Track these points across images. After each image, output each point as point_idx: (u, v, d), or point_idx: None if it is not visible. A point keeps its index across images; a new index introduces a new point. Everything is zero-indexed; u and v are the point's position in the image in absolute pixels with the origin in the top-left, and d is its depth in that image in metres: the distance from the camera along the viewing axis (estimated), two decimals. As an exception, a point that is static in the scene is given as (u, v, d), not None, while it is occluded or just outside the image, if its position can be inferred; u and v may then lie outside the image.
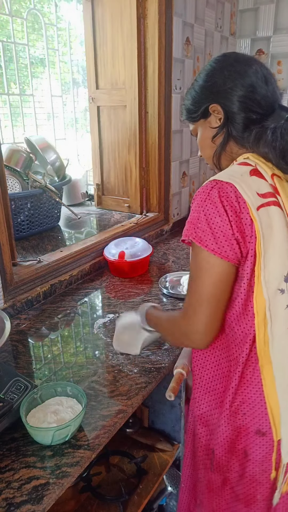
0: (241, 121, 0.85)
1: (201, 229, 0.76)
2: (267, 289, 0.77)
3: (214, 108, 0.87)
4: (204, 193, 0.77)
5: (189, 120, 0.96)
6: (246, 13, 2.60)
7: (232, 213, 0.75)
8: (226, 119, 0.87)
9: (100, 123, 2.19)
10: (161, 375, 1.07)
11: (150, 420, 1.43)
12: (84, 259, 1.69)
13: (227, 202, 0.75)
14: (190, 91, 0.94)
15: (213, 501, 0.94)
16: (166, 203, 2.20)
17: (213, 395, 0.91)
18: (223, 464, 0.89)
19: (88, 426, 0.90)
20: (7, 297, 1.35)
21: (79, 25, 2.59)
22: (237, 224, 0.75)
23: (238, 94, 0.84)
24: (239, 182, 0.76)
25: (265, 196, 0.78)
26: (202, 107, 0.90)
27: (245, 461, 0.86)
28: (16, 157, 1.95)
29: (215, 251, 0.75)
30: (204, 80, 0.90)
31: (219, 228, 0.75)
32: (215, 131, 0.89)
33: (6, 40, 2.23)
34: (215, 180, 0.78)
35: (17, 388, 0.94)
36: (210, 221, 0.75)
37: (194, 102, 0.92)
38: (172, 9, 1.88)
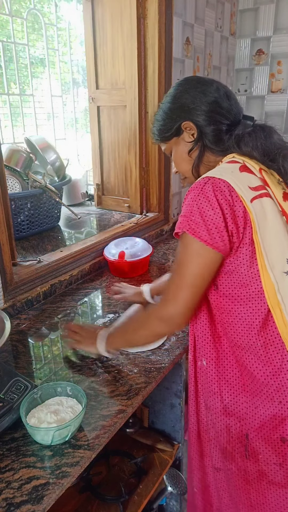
0: (212, 133, 0.94)
1: (194, 222, 0.81)
2: (273, 273, 0.82)
3: (187, 125, 0.96)
4: (197, 189, 0.82)
5: (163, 140, 1.03)
6: (246, 13, 2.60)
7: (227, 206, 0.80)
8: (200, 133, 0.95)
9: (100, 123, 2.19)
10: (161, 375, 1.07)
11: (150, 420, 1.43)
12: (84, 259, 1.69)
13: (221, 196, 0.80)
14: (159, 113, 1.01)
15: (251, 494, 0.94)
16: (166, 203, 2.20)
17: (232, 385, 0.93)
18: (259, 451, 0.90)
19: (88, 426, 0.90)
20: (7, 297, 1.35)
21: (79, 25, 2.59)
22: (231, 216, 0.80)
23: (206, 109, 0.93)
24: (231, 177, 0.82)
25: (256, 189, 0.84)
26: (174, 126, 0.97)
27: (284, 447, 0.86)
28: (16, 157, 1.95)
29: (207, 242, 0.81)
30: (172, 102, 0.98)
31: (212, 220, 0.80)
32: (190, 145, 0.97)
33: (6, 40, 2.22)
34: (207, 177, 0.83)
35: (17, 388, 0.94)
36: (203, 214, 0.81)
37: (165, 123, 0.99)
38: (172, 9, 1.88)
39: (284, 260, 0.83)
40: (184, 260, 0.85)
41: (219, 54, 2.50)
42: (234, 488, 0.98)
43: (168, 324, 0.89)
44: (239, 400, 0.93)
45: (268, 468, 0.90)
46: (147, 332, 0.96)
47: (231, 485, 0.99)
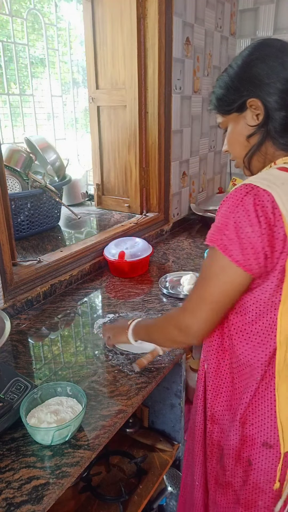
0: (281, 120, 0.77)
1: (228, 237, 0.71)
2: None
3: (253, 103, 0.78)
4: (237, 199, 0.71)
5: (220, 112, 0.86)
6: (246, 13, 2.60)
7: (266, 225, 0.69)
8: (267, 116, 0.78)
9: (100, 123, 2.19)
10: (161, 375, 1.07)
11: (150, 420, 1.43)
12: (84, 259, 1.69)
13: (262, 212, 0.69)
14: (223, 78, 0.83)
15: (217, 495, 0.96)
16: (166, 203, 2.20)
17: (224, 396, 0.91)
18: (227, 468, 0.90)
19: (88, 426, 0.90)
20: (7, 297, 1.35)
21: (79, 25, 2.59)
22: (269, 237, 0.70)
23: (281, 88, 0.76)
24: (278, 191, 0.69)
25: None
26: (238, 100, 0.80)
27: (249, 469, 0.86)
28: (16, 157, 1.95)
29: (239, 263, 0.71)
30: (243, 68, 0.79)
31: (248, 239, 0.70)
32: (252, 129, 0.80)
33: (6, 40, 2.22)
34: (251, 184, 0.71)
35: (17, 388, 0.94)
36: (239, 230, 0.70)
37: (228, 92, 0.81)
38: (172, 9, 1.88)
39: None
40: (209, 274, 0.76)
41: (219, 54, 2.50)
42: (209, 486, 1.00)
43: (184, 334, 0.82)
44: (225, 416, 0.92)
45: (234, 480, 0.90)
46: (165, 336, 0.91)
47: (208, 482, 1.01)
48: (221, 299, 0.76)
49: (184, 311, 0.82)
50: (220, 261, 0.74)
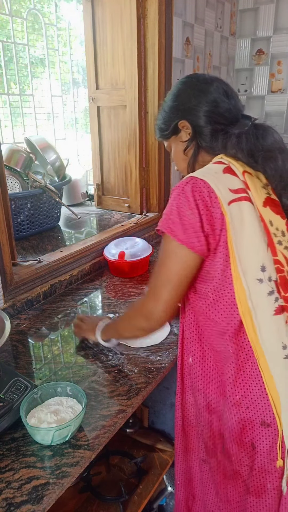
0: (208, 133, 0.93)
1: (172, 221, 0.83)
2: (245, 279, 0.82)
3: (183, 124, 0.96)
4: (179, 188, 0.83)
5: (162, 138, 1.04)
6: (246, 13, 2.60)
7: (203, 207, 0.80)
8: (194, 132, 0.95)
9: (100, 123, 2.18)
10: (161, 375, 1.07)
11: (150, 420, 1.43)
12: (84, 259, 1.69)
13: (199, 197, 0.81)
14: (161, 112, 1.02)
15: (228, 490, 0.96)
16: (166, 203, 2.20)
17: (215, 383, 0.94)
18: (231, 454, 0.92)
19: (88, 426, 0.90)
20: (7, 297, 1.35)
21: (79, 25, 2.58)
22: (208, 217, 0.81)
23: (203, 109, 0.93)
24: (212, 178, 0.82)
25: (237, 191, 0.83)
26: (172, 125, 0.98)
27: (253, 453, 0.88)
28: (16, 157, 1.95)
29: (183, 241, 0.81)
30: (172, 100, 0.98)
31: (189, 220, 0.81)
32: (185, 144, 0.98)
33: (6, 40, 2.22)
34: (190, 176, 0.84)
35: (17, 388, 0.94)
36: (181, 213, 0.82)
37: (164, 121, 1.01)
38: (172, 9, 1.88)
39: (257, 267, 0.82)
40: (163, 258, 0.86)
41: (219, 54, 2.50)
42: (215, 481, 1.01)
43: (148, 319, 0.90)
44: (220, 401, 0.94)
45: (242, 469, 0.92)
46: (131, 326, 0.98)
47: (213, 478, 1.02)
48: (176, 279, 0.85)
49: (146, 298, 0.90)
50: (169, 244, 0.84)
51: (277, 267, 0.82)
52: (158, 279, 0.87)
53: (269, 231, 0.83)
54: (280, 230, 0.84)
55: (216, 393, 0.95)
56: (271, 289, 0.83)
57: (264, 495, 0.90)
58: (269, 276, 0.83)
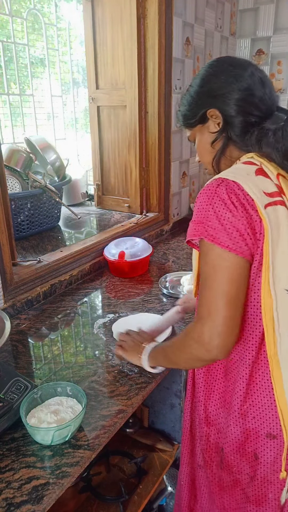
0: (240, 125, 0.85)
1: (211, 227, 0.74)
2: (274, 288, 0.75)
3: (212, 113, 0.87)
4: (210, 191, 0.76)
5: (186, 126, 0.95)
6: (246, 13, 2.60)
7: (242, 208, 0.73)
8: (225, 123, 0.86)
9: (100, 123, 2.19)
10: (161, 375, 1.07)
11: (150, 420, 1.43)
12: (84, 259, 1.69)
13: (236, 198, 0.73)
14: (186, 97, 0.93)
15: (224, 499, 0.94)
16: (166, 203, 2.20)
17: (217, 394, 0.91)
18: (233, 465, 0.89)
19: (88, 426, 0.90)
20: (7, 297, 1.35)
21: (79, 25, 2.58)
22: (248, 220, 0.73)
23: (236, 97, 0.84)
24: (245, 180, 0.75)
25: (271, 195, 0.76)
26: (199, 113, 0.89)
27: (256, 463, 0.85)
28: (16, 157, 1.95)
29: (229, 247, 0.73)
30: (200, 85, 0.89)
31: (231, 223, 0.73)
32: (214, 136, 0.89)
33: (6, 40, 2.22)
34: (220, 178, 0.77)
35: (17, 388, 0.94)
36: (220, 217, 0.73)
37: (190, 108, 0.91)
38: (172, 9, 1.88)
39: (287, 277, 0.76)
40: (209, 270, 0.75)
41: (219, 54, 2.50)
42: (210, 491, 0.98)
43: (206, 348, 0.76)
44: (220, 414, 0.91)
45: (242, 477, 0.88)
46: (187, 356, 0.84)
47: (210, 487, 0.99)
48: (231, 290, 0.74)
49: (200, 321, 0.77)
50: (213, 253, 0.75)
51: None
52: (210, 295, 0.75)
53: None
54: None
55: (216, 405, 0.91)
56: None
57: (264, 504, 0.88)
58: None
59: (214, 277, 0.75)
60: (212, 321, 0.74)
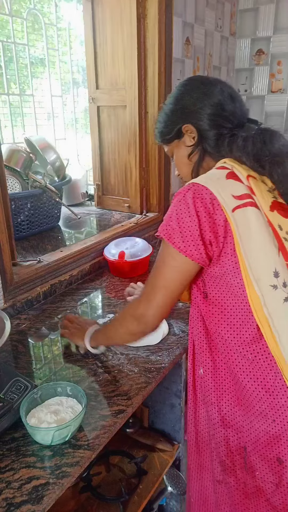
0: (213, 137, 0.91)
1: (171, 227, 0.82)
2: (258, 286, 0.79)
3: (187, 128, 0.93)
4: (180, 194, 0.82)
5: (164, 142, 1.01)
6: (246, 13, 2.60)
7: (206, 214, 0.79)
8: (200, 137, 0.93)
9: (100, 123, 2.18)
10: (161, 375, 1.07)
11: (150, 420, 1.43)
12: (84, 259, 1.69)
13: (200, 204, 0.79)
14: (161, 115, 0.99)
15: (250, 510, 0.91)
16: (166, 203, 2.20)
17: (229, 394, 0.91)
18: (255, 468, 0.87)
19: (88, 426, 0.90)
20: (7, 297, 1.35)
21: (79, 25, 2.58)
22: (210, 225, 0.79)
23: (208, 112, 0.90)
24: (214, 185, 0.81)
25: (241, 197, 0.81)
26: (175, 129, 0.96)
27: (281, 468, 0.83)
28: (16, 157, 1.95)
29: (180, 249, 0.81)
30: (173, 103, 0.96)
31: (188, 228, 0.80)
32: (190, 149, 0.95)
33: (6, 40, 2.22)
34: (192, 183, 0.83)
35: (17, 388, 0.94)
36: (180, 221, 0.80)
37: (166, 125, 0.98)
38: (172, 9, 1.88)
39: (270, 273, 0.79)
40: (159, 263, 0.86)
41: (219, 54, 2.50)
42: (234, 503, 0.95)
43: (139, 323, 0.89)
44: (236, 412, 0.90)
45: (266, 486, 0.86)
46: (123, 330, 0.96)
47: (231, 499, 0.96)
48: (171, 285, 0.85)
49: (139, 301, 0.89)
50: (167, 250, 0.84)
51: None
52: (154, 283, 0.86)
53: (279, 236, 0.81)
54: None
55: (230, 405, 0.90)
56: (287, 295, 0.80)
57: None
58: (283, 281, 0.80)
59: (161, 271, 0.86)
60: (148, 303, 0.87)
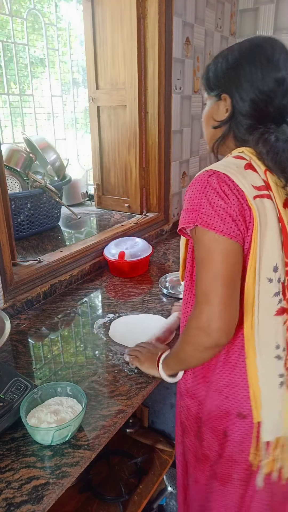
0: (245, 125, 0.83)
1: (205, 213, 0.75)
2: (259, 276, 0.78)
3: (225, 98, 0.84)
4: (203, 181, 0.77)
5: (205, 87, 0.91)
6: (246, 13, 2.60)
7: (234, 197, 0.75)
8: (232, 115, 0.84)
9: (100, 123, 2.19)
10: (161, 375, 1.07)
11: (150, 420, 1.43)
12: (84, 259, 1.69)
13: (227, 187, 0.75)
14: (215, 63, 0.87)
15: (197, 471, 0.98)
16: (166, 203, 2.20)
17: (198, 369, 0.93)
18: (204, 438, 0.93)
19: (88, 426, 0.90)
20: (7, 297, 1.35)
21: (79, 25, 2.58)
22: (239, 208, 0.75)
23: (252, 98, 0.80)
24: (235, 173, 0.77)
25: (259, 189, 0.78)
26: (217, 90, 0.86)
27: (225, 441, 0.89)
28: (16, 157, 1.95)
29: (223, 232, 0.74)
30: (229, 64, 0.83)
31: (224, 209, 0.75)
32: (217, 123, 0.87)
33: (6, 40, 2.22)
34: (211, 169, 0.78)
35: (17, 388, 0.94)
36: (213, 204, 0.75)
37: (214, 79, 0.87)
38: (172, 9, 1.88)
39: (271, 266, 0.79)
40: (203, 255, 0.76)
41: (219, 54, 2.50)
42: (188, 461, 1.02)
43: (207, 332, 0.75)
44: (199, 388, 0.93)
45: (211, 454, 0.93)
46: (192, 346, 0.82)
47: (185, 458, 1.03)
48: (227, 271, 0.75)
49: (197, 304, 0.77)
50: (207, 238, 0.76)
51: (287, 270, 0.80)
52: (207, 278, 0.75)
53: (286, 232, 0.79)
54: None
55: (196, 379, 0.93)
56: (278, 290, 0.80)
57: (228, 484, 0.91)
58: (279, 277, 0.80)
59: (209, 260, 0.76)
60: (209, 303, 0.75)
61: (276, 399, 0.84)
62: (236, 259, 0.76)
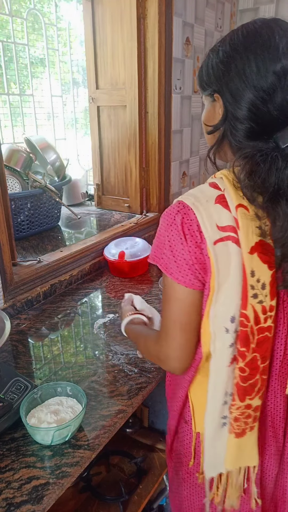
0: (242, 131, 0.70)
1: (166, 256, 0.73)
2: (214, 324, 0.74)
3: (218, 98, 0.73)
4: (170, 217, 0.72)
5: (198, 86, 0.80)
6: (246, 13, 2.60)
7: (194, 242, 0.70)
8: (225, 119, 0.72)
9: (100, 123, 2.19)
10: (161, 375, 1.07)
11: (150, 420, 1.44)
12: (84, 259, 1.69)
13: (188, 231, 0.70)
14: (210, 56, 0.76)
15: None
16: (166, 203, 2.20)
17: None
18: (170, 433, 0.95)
19: (88, 426, 0.90)
20: (7, 297, 1.35)
21: (79, 25, 2.58)
22: (197, 255, 0.70)
23: (246, 96, 0.67)
24: (201, 210, 0.69)
25: (224, 229, 0.70)
26: (209, 88, 0.75)
27: (175, 438, 0.92)
28: (16, 157, 1.95)
29: (178, 280, 0.72)
30: (221, 59, 0.71)
31: (182, 255, 0.71)
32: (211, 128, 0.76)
33: (6, 40, 2.22)
34: (182, 202, 0.71)
35: (17, 388, 0.94)
36: (173, 248, 0.71)
37: (206, 74, 0.75)
38: (172, 9, 1.88)
39: (228, 317, 0.73)
40: (165, 296, 0.77)
41: (219, 54, 2.50)
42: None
43: (165, 363, 0.81)
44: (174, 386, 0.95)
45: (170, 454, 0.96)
46: (150, 358, 0.90)
47: None
48: (184, 319, 0.75)
49: (159, 340, 0.81)
50: (167, 282, 0.75)
51: (242, 320, 0.72)
52: (167, 318, 0.77)
53: (246, 282, 0.70)
54: (261, 282, 0.70)
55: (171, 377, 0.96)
56: (233, 341, 0.74)
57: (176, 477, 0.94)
58: (235, 328, 0.74)
59: (168, 303, 0.76)
60: (167, 346, 0.78)
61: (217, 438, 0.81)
62: (194, 305, 0.75)
